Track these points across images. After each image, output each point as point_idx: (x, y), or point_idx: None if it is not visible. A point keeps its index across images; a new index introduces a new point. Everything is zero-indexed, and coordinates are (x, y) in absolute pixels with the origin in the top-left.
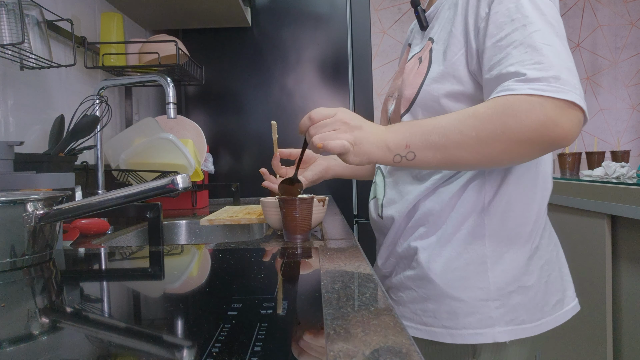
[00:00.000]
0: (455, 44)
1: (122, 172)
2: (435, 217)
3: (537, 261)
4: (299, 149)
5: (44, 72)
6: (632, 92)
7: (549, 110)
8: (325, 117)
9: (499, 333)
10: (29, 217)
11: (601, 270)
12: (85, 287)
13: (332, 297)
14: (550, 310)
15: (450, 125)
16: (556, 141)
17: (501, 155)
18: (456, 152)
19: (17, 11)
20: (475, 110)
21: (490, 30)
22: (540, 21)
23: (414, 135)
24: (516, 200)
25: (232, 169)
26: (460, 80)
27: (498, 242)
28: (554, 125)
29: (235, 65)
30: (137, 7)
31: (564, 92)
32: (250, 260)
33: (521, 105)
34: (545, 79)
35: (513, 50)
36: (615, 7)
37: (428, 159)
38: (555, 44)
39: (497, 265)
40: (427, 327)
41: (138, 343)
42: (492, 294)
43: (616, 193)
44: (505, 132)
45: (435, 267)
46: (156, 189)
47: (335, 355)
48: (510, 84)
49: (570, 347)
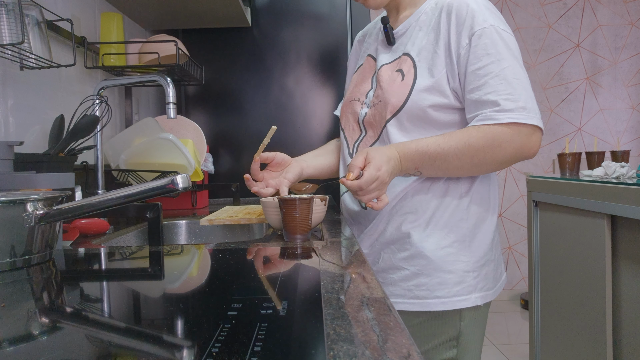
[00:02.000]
0: (439, 63)
1: (122, 172)
2: (424, 206)
3: (495, 238)
4: (273, 153)
5: (44, 72)
6: (632, 92)
7: (523, 137)
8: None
9: (476, 298)
10: (29, 217)
11: (601, 270)
12: (85, 287)
13: (332, 297)
14: (498, 279)
15: (452, 154)
16: (526, 157)
17: (487, 170)
18: (455, 171)
19: (17, 11)
20: (469, 140)
21: (471, 59)
22: (510, 57)
23: (421, 162)
24: (485, 185)
25: (232, 169)
26: (444, 94)
27: (473, 223)
28: (527, 149)
29: (235, 65)
30: (137, 7)
31: (531, 118)
32: (250, 260)
33: (504, 136)
34: (517, 109)
35: (490, 80)
36: (615, 7)
37: (431, 174)
38: (521, 77)
39: (474, 242)
40: (421, 300)
41: (138, 343)
42: (472, 265)
43: (616, 193)
44: (493, 158)
45: (428, 246)
46: (156, 189)
47: (335, 355)
48: (490, 113)
49: (570, 347)
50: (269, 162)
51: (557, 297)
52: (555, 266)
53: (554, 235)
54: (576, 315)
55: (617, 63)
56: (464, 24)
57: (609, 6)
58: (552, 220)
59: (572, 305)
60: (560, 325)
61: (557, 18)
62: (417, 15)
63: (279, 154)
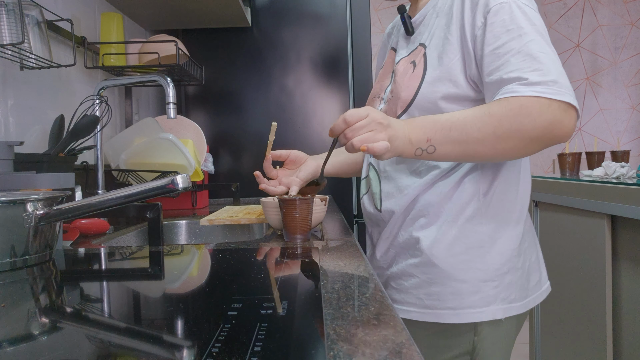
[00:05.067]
0: (451, 50)
1: (122, 172)
2: (435, 208)
3: (522, 245)
4: (288, 150)
5: (44, 72)
6: (632, 92)
7: (556, 111)
8: (360, 119)
9: (496, 310)
10: (29, 217)
11: (601, 270)
12: (85, 287)
13: (332, 297)
14: (532, 290)
15: (469, 122)
16: (559, 138)
17: (513, 150)
18: (475, 146)
19: (17, 11)
20: (490, 109)
21: (488, 39)
22: (533, 31)
23: (434, 131)
24: (507, 190)
25: (232, 169)
26: (457, 83)
27: (493, 228)
28: (560, 124)
29: (235, 65)
30: (137, 7)
31: (563, 94)
32: (250, 260)
33: (534, 106)
34: (545, 83)
35: (511, 57)
36: (615, 7)
37: (447, 152)
38: (548, 52)
39: (493, 249)
40: (432, 310)
41: (138, 343)
42: (490, 274)
43: (616, 193)
44: (520, 130)
45: (438, 253)
46: (156, 189)
47: (335, 355)
48: (514, 87)
49: (570, 347)
50: (282, 159)
51: (557, 297)
52: (555, 266)
53: (554, 235)
54: (576, 315)
55: (617, 63)
56: (479, 2)
57: (609, 6)
58: (552, 220)
59: (572, 305)
60: (561, 325)
61: (557, 18)
62: (435, 1)
63: (293, 152)
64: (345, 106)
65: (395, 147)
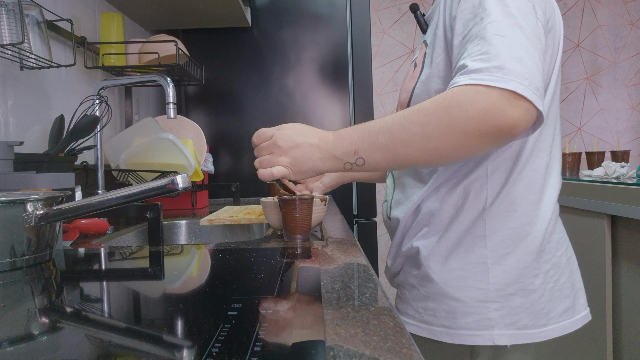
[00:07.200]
0: (439, 45)
1: (122, 172)
2: (437, 217)
3: (543, 264)
4: None
5: (44, 72)
6: (632, 92)
7: (494, 99)
8: (264, 140)
9: (498, 336)
10: (29, 217)
11: (601, 270)
12: (85, 287)
13: (332, 297)
14: (557, 317)
15: (396, 124)
16: (504, 130)
17: (449, 149)
18: (403, 150)
19: (17, 11)
20: (421, 105)
21: (457, 29)
22: (499, 13)
23: (361, 140)
24: (521, 200)
25: (232, 169)
26: (445, 80)
27: (499, 242)
28: (500, 113)
29: (235, 65)
30: (137, 7)
31: (507, 81)
32: (250, 260)
33: (466, 95)
34: (486, 69)
35: (468, 44)
36: (615, 7)
37: (377, 161)
38: (507, 34)
39: (497, 266)
40: (427, 326)
41: (138, 343)
42: (491, 294)
43: (616, 193)
44: (451, 124)
45: (434, 266)
46: (156, 189)
47: (335, 355)
48: (455, 77)
49: (569, 347)
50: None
51: None
52: None
53: None
54: None
55: (617, 63)
56: None
57: (609, 6)
58: None
59: None
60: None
61: None
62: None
63: None
64: (345, 106)
65: (307, 168)
